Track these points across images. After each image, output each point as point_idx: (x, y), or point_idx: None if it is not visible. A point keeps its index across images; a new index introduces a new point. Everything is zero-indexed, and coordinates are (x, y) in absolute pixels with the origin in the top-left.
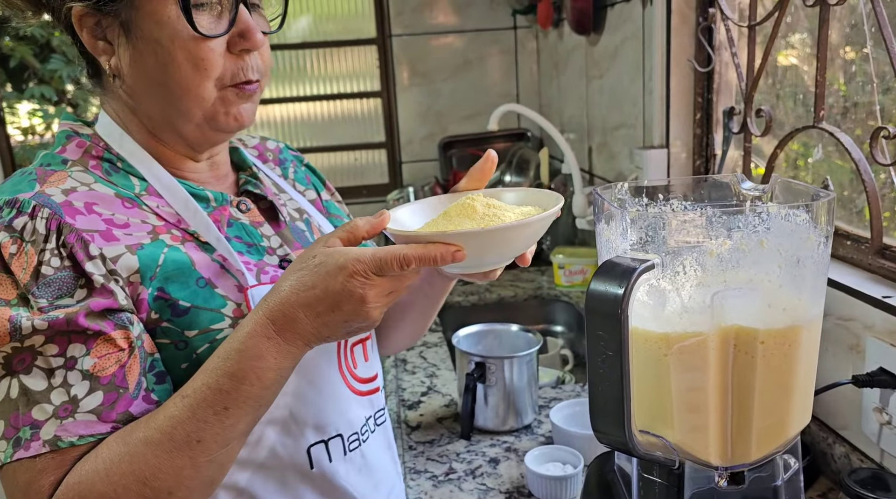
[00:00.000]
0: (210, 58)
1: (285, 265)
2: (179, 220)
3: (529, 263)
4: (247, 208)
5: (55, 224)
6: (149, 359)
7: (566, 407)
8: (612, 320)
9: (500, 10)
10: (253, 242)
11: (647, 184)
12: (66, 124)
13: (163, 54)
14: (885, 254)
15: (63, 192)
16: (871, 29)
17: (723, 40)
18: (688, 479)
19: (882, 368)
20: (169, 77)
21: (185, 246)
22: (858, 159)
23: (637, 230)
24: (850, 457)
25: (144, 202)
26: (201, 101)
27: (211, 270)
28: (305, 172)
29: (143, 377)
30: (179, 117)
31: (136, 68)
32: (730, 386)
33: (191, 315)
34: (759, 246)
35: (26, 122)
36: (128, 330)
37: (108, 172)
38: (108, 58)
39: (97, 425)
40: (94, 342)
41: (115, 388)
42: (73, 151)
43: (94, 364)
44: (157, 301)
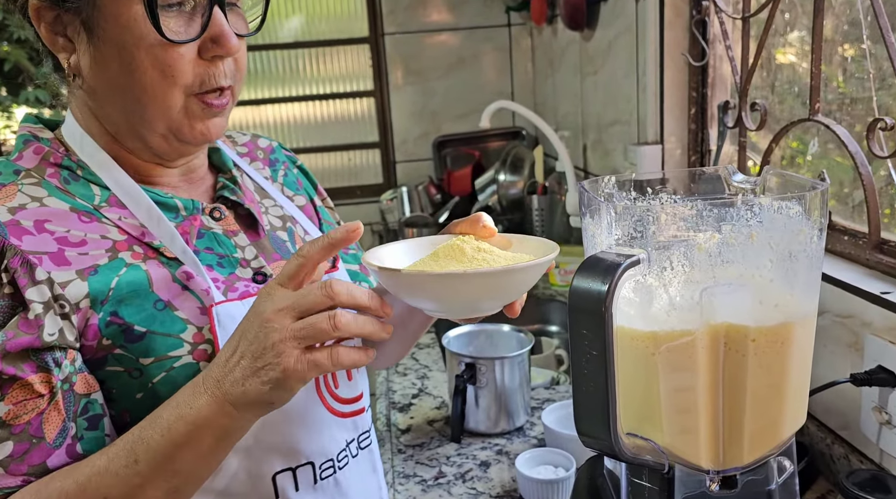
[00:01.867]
0: (178, 64)
1: (259, 279)
2: (143, 232)
3: (518, 314)
4: (221, 216)
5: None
6: (82, 401)
7: (558, 409)
8: (595, 318)
9: (493, 6)
10: (225, 253)
11: (633, 177)
12: (26, 128)
13: (127, 58)
14: (883, 249)
15: (9, 210)
16: (868, 23)
17: (717, 33)
18: (678, 483)
19: (881, 367)
20: (134, 83)
21: (146, 263)
22: (855, 152)
23: (623, 225)
24: (849, 457)
25: (104, 215)
26: (167, 110)
27: (172, 290)
28: (297, 176)
29: (72, 423)
30: (143, 126)
31: (97, 71)
32: (720, 386)
33: (146, 341)
34: (748, 240)
35: None
36: (50, 374)
37: (66, 181)
38: (68, 55)
39: (4, 478)
40: (10, 387)
41: (28, 438)
42: (30, 158)
43: (8, 411)
44: (109, 326)
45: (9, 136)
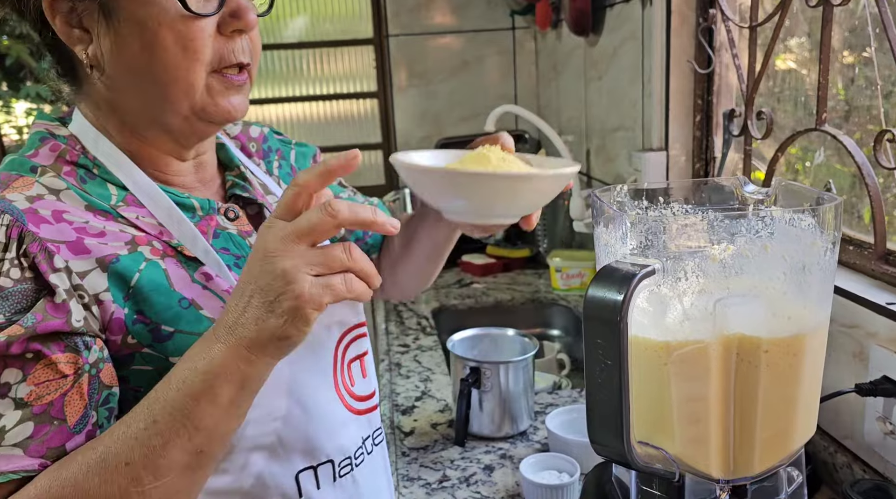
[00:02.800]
0: (200, 39)
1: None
2: (161, 231)
3: (533, 226)
4: (235, 216)
5: (16, 232)
6: (105, 391)
7: (562, 413)
8: (610, 328)
9: (498, 10)
10: (240, 253)
11: (646, 186)
12: (42, 125)
13: (148, 36)
14: (888, 259)
15: (27, 198)
16: (874, 30)
17: (723, 41)
18: (688, 492)
19: (886, 377)
20: (155, 62)
21: (164, 261)
22: (861, 163)
23: (637, 234)
24: (852, 467)
25: (121, 214)
26: (189, 88)
27: (193, 290)
28: (293, 163)
29: (93, 411)
30: (166, 108)
31: (117, 56)
32: (732, 396)
33: (175, 340)
34: (762, 251)
35: (22, 121)
36: (78, 355)
37: (82, 180)
38: (85, 47)
39: (21, 459)
40: (34, 367)
41: (49, 419)
42: (46, 155)
43: (30, 392)
44: (136, 325)
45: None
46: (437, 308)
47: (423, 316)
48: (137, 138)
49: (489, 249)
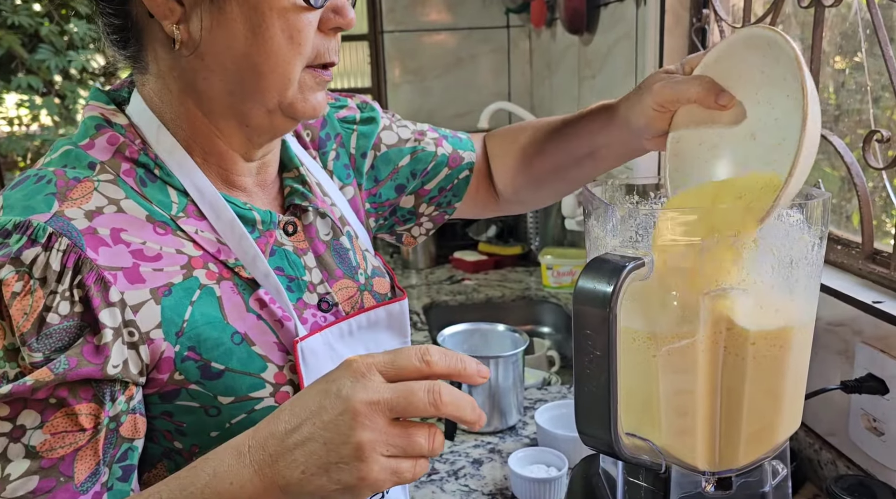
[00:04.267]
0: (306, 31)
1: (324, 307)
2: (220, 249)
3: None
4: (293, 231)
5: (73, 259)
6: (124, 445)
7: (552, 409)
8: (600, 319)
9: (493, 8)
10: (295, 275)
11: (638, 182)
12: (97, 107)
13: (257, 21)
14: (875, 259)
15: (87, 215)
16: (865, 31)
17: (716, 41)
18: (674, 484)
19: (871, 374)
20: (259, 49)
21: (220, 285)
22: (850, 163)
23: (627, 228)
24: (836, 463)
25: (181, 227)
26: (285, 80)
27: (247, 321)
28: (352, 151)
29: (106, 468)
30: (255, 99)
31: (216, 35)
32: (719, 389)
33: (225, 379)
34: (751, 246)
35: (13, 113)
36: (101, 408)
37: (142, 182)
38: (176, 21)
39: None
40: (53, 414)
41: (56, 474)
42: (103, 148)
43: (44, 442)
44: (185, 362)
45: None
46: (429, 304)
47: (415, 311)
48: (208, 130)
49: (481, 246)
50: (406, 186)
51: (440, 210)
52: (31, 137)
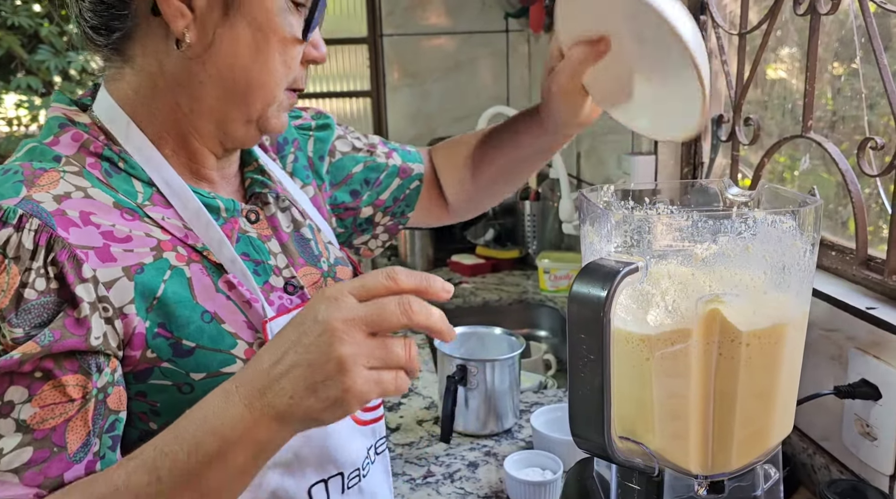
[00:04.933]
0: (296, 60)
1: (290, 290)
2: (187, 234)
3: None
4: (256, 218)
5: (45, 238)
6: (111, 417)
7: (547, 412)
8: (594, 323)
9: (492, 12)
10: (260, 259)
11: (633, 187)
12: (60, 109)
13: (262, 43)
14: (869, 265)
15: (55, 198)
16: (860, 39)
17: (713, 48)
18: (667, 487)
19: (864, 380)
20: (259, 66)
21: (190, 267)
22: (845, 170)
23: (622, 233)
24: (829, 468)
25: (147, 214)
26: (271, 98)
27: (216, 301)
28: (310, 154)
29: (96, 438)
30: (239, 108)
31: (223, 46)
32: (712, 393)
33: (196, 356)
34: (744, 252)
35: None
36: (88, 378)
37: (107, 173)
38: (184, 23)
39: (16, 487)
40: (41, 387)
41: (49, 445)
42: (68, 144)
43: (34, 414)
44: (156, 339)
45: None
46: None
47: None
48: (185, 127)
49: (478, 250)
50: (360, 192)
51: (394, 220)
52: (31, 137)
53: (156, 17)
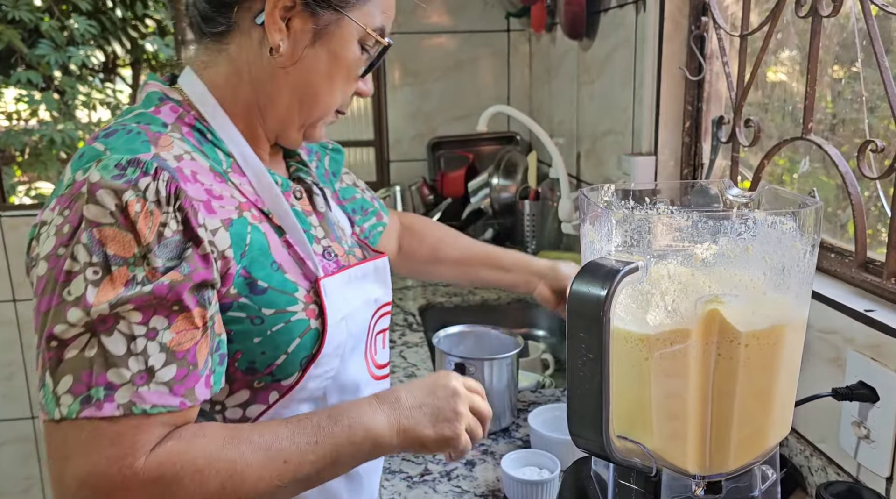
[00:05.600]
0: (351, 90)
1: (327, 255)
2: (257, 200)
3: None
4: (300, 196)
5: (173, 188)
6: (216, 339)
7: (545, 411)
8: (593, 323)
9: (493, 12)
10: (305, 229)
11: (633, 187)
12: (155, 86)
13: (332, 70)
14: (868, 268)
15: (175, 157)
16: (861, 42)
17: (714, 49)
18: (665, 487)
19: (862, 382)
20: (326, 85)
21: (262, 226)
22: (845, 172)
23: (622, 233)
24: (826, 470)
25: (231, 179)
26: (324, 114)
27: (281, 255)
28: (327, 168)
29: (210, 357)
30: (300, 113)
31: (305, 62)
32: (710, 393)
33: (267, 295)
34: (744, 252)
35: (12, 108)
36: (205, 309)
37: (200, 142)
38: (280, 38)
39: (168, 396)
40: (177, 318)
41: (186, 364)
42: (167, 114)
43: (173, 339)
44: (239, 278)
45: None
46: (424, 305)
47: (410, 313)
48: (255, 117)
49: None
50: (353, 217)
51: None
52: (30, 132)
53: (257, 26)
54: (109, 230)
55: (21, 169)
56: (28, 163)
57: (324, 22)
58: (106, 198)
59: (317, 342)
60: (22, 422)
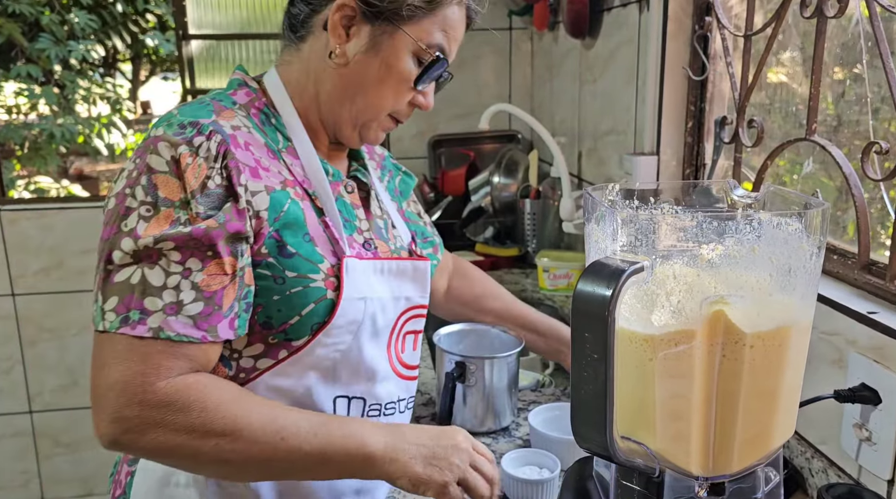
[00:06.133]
0: (403, 97)
1: (367, 246)
2: (304, 180)
3: None
4: (351, 190)
5: (223, 149)
6: (245, 289)
7: (545, 411)
8: (598, 322)
9: (495, 10)
10: (349, 218)
11: (638, 187)
12: (240, 75)
13: (385, 74)
14: (871, 270)
15: (232, 127)
16: (867, 44)
17: (718, 50)
18: (667, 488)
19: (864, 384)
20: (375, 89)
21: (303, 203)
22: (849, 174)
23: (627, 232)
24: (827, 472)
25: (283, 158)
26: (375, 114)
27: (315, 230)
28: (397, 186)
29: (237, 303)
30: (350, 112)
31: (358, 66)
32: (714, 393)
33: (293, 260)
34: (750, 253)
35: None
36: (236, 260)
37: (263, 123)
38: (339, 42)
39: (192, 329)
40: (210, 262)
41: (212, 304)
42: (242, 97)
43: (203, 280)
44: (270, 239)
45: None
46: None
47: None
48: (316, 111)
49: (478, 247)
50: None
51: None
52: (29, 125)
53: (324, 31)
54: (163, 177)
55: (20, 163)
56: (27, 157)
57: (379, 32)
58: (164, 149)
59: (329, 312)
60: (20, 416)
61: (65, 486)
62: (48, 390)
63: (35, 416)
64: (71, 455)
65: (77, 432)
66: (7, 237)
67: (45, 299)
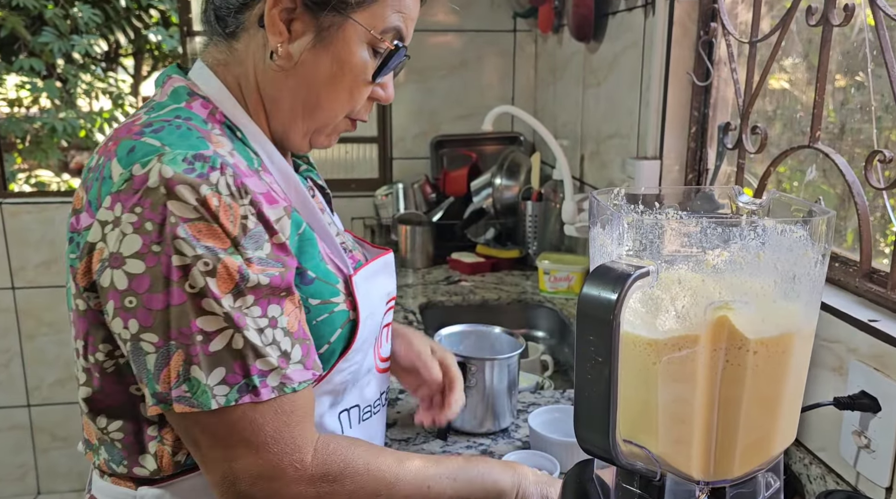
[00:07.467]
0: (362, 95)
1: (345, 251)
2: (286, 197)
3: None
4: (313, 195)
5: (239, 182)
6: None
7: (544, 413)
8: (603, 326)
9: (500, 11)
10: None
11: (643, 192)
12: (181, 80)
13: (336, 72)
14: (873, 278)
15: (229, 153)
16: (872, 53)
17: (722, 55)
18: (668, 492)
19: (864, 392)
20: (328, 91)
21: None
22: (852, 182)
23: (633, 236)
24: (825, 479)
25: (262, 177)
26: (329, 120)
27: (322, 247)
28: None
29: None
30: (302, 119)
31: (306, 67)
32: (717, 399)
33: (315, 286)
34: (755, 259)
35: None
36: (297, 291)
37: (231, 139)
38: (280, 41)
39: (305, 372)
40: (284, 302)
41: (303, 341)
42: (199, 110)
43: (288, 322)
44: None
45: None
46: (425, 304)
47: (411, 311)
48: (263, 119)
49: (479, 249)
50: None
51: None
52: (31, 119)
53: (261, 28)
54: (200, 224)
55: (21, 156)
56: (28, 150)
57: (325, 24)
58: (185, 193)
59: (352, 335)
60: (17, 410)
61: (61, 480)
62: (46, 384)
63: (33, 409)
64: (68, 449)
65: (74, 426)
66: (8, 231)
67: (45, 293)
